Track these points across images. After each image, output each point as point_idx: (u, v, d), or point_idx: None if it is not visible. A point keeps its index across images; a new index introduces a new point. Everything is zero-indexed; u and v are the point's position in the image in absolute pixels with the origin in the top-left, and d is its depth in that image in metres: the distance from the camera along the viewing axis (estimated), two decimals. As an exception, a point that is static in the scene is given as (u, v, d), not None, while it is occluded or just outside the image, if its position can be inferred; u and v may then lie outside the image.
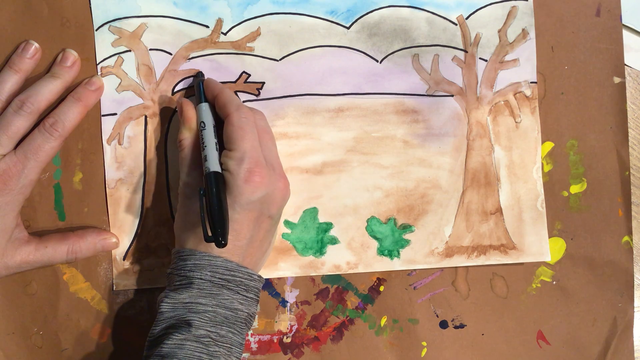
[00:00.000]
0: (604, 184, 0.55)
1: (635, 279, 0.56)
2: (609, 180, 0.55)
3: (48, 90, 0.48)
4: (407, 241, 0.54)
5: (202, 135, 0.48)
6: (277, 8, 0.52)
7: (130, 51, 0.51)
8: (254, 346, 0.53)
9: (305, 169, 0.53)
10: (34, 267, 0.50)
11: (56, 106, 0.49)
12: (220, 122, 0.49)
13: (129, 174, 0.52)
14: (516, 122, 0.54)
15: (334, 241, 0.53)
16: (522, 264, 0.55)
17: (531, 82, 0.54)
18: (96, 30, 0.51)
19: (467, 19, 0.53)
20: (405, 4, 0.53)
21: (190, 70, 0.52)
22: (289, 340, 0.54)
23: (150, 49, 0.51)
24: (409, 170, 0.54)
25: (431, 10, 0.53)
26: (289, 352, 0.54)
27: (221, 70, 0.52)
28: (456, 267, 0.54)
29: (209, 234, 0.43)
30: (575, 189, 0.55)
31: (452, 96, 0.54)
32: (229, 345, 0.45)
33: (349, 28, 0.53)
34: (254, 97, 0.52)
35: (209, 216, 0.43)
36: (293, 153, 0.53)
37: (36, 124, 0.48)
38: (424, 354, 0.54)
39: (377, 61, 0.53)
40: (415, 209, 0.54)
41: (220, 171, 0.46)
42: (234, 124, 0.46)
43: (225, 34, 0.52)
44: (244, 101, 0.52)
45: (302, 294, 0.54)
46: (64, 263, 0.51)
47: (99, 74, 0.51)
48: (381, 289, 0.54)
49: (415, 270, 0.54)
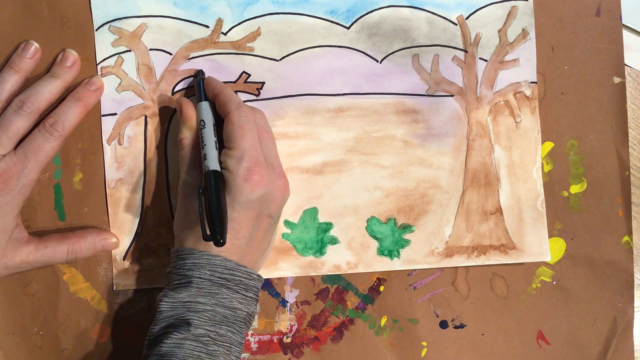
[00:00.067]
0: (604, 184, 0.55)
1: (635, 279, 0.56)
2: (609, 180, 0.55)
3: (48, 90, 0.48)
4: (407, 241, 0.54)
5: (201, 134, 0.48)
6: (277, 8, 0.52)
7: (130, 51, 0.51)
8: (254, 346, 0.53)
9: (305, 169, 0.53)
10: (34, 267, 0.50)
11: (56, 106, 0.49)
12: (220, 120, 0.49)
13: (129, 174, 0.52)
14: (516, 122, 0.54)
15: (334, 241, 0.53)
16: (522, 264, 0.55)
17: (531, 82, 0.54)
18: (96, 30, 0.51)
19: (467, 19, 0.53)
20: (405, 4, 0.53)
21: (190, 70, 0.52)
22: (289, 340, 0.54)
23: (150, 49, 0.51)
24: (409, 170, 0.54)
25: (431, 10, 0.53)
26: (289, 352, 0.54)
27: (221, 70, 0.52)
28: (456, 267, 0.54)
29: (208, 232, 0.43)
30: (575, 189, 0.55)
31: (452, 96, 0.54)
32: (228, 344, 0.45)
33: (349, 28, 0.53)
34: (254, 97, 0.52)
35: (207, 215, 0.43)
36: (293, 153, 0.53)
37: (36, 124, 0.48)
38: (424, 354, 0.54)
39: (377, 61, 0.53)
40: (415, 209, 0.54)
41: (219, 170, 0.46)
42: (234, 122, 0.46)
43: (225, 34, 0.52)
44: (244, 101, 0.52)
45: (302, 294, 0.54)
46: (64, 263, 0.51)
47: (99, 74, 0.51)
48: (381, 289, 0.54)
49: (415, 270, 0.54)
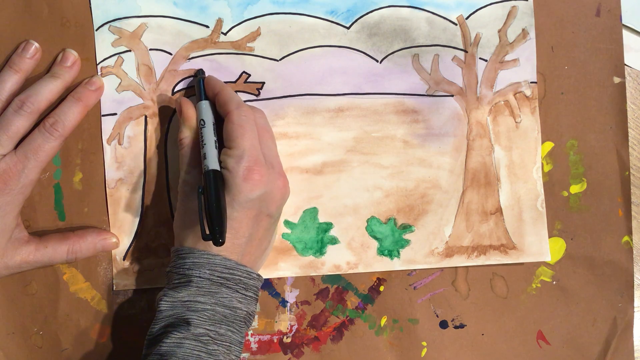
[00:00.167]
0: (604, 184, 0.55)
1: (635, 279, 0.56)
2: (609, 180, 0.55)
3: (48, 90, 0.48)
4: (407, 241, 0.54)
5: (201, 133, 0.48)
6: (277, 8, 0.52)
7: (130, 51, 0.51)
8: (254, 346, 0.53)
9: (305, 169, 0.53)
10: (34, 267, 0.50)
11: (56, 106, 0.49)
12: (220, 120, 0.49)
13: (129, 173, 0.52)
14: (516, 122, 0.54)
15: (334, 241, 0.53)
16: (522, 264, 0.55)
17: (531, 82, 0.54)
18: (96, 30, 0.51)
19: (467, 19, 0.53)
20: (405, 4, 0.53)
21: (190, 70, 0.52)
22: (289, 340, 0.54)
23: (150, 49, 0.51)
24: (409, 170, 0.54)
25: (431, 10, 0.53)
26: (289, 352, 0.54)
27: (221, 70, 0.52)
28: (456, 267, 0.54)
29: (207, 232, 0.43)
30: (575, 189, 0.55)
31: (452, 96, 0.54)
32: (228, 343, 0.45)
33: (349, 28, 0.53)
34: (254, 97, 0.52)
35: (207, 214, 0.43)
36: (293, 153, 0.53)
37: (36, 124, 0.48)
38: (424, 354, 0.54)
39: (377, 61, 0.53)
40: (415, 209, 0.54)
41: (219, 169, 0.46)
42: (234, 121, 0.46)
43: (225, 34, 0.52)
44: (244, 101, 0.52)
45: (302, 294, 0.54)
46: (64, 263, 0.51)
47: (99, 74, 0.51)
48: (381, 289, 0.54)
49: (415, 270, 0.54)
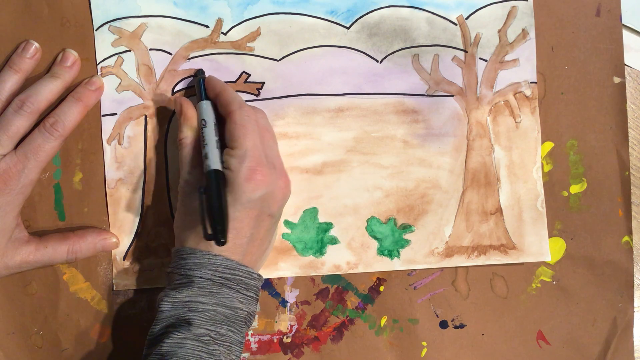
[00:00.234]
0: (604, 184, 0.55)
1: (635, 279, 0.56)
2: (609, 180, 0.55)
3: (48, 90, 0.48)
4: (407, 241, 0.54)
5: (203, 133, 0.48)
6: (277, 8, 0.52)
7: (130, 51, 0.51)
8: (254, 346, 0.53)
9: (305, 169, 0.53)
10: (34, 267, 0.50)
11: (56, 106, 0.49)
12: (221, 120, 0.49)
13: (129, 174, 0.52)
14: (516, 122, 0.54)
15: (334, 241, 0.53)
16: (522, 264, 0.55)
17: (531, 82, 0.54)
18: (96, 30, 0.51)
19: (467, 19, 0.53)
20: (405, 4, 0.53)
21: (190, 70, 0.52)
22: (289, 340, 0.54)
23: (150, 49, 0.51)
24: (409, 170, 0.54)
25: (431, 10, 0.53)
26: (289, 352, 0.54)
27: (221, 70, 0.52)
28: (456, 267, 0.54)
29: (209, 232, 0.43)
30: (575, 189, 0.55)
31: (452, 96, 0.54)
32: (228, 344, 0.45)
33: (349, 28, 0.53)
34: (254, 97, 0.52)
35: (209, 214, 0.43)
36: (293, 153, 0.53)
37: (36, 124, 0.48)
38: (424, 354, 0.54)
39: (377, 61, 0.53)
40: (415, 209, 0.54)
41: (221, 169, 0.46)
42: (236, 122, 0.46)
43: (225, 33, 0.52)
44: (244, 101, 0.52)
45: (302, 294, 0.54)
46: (64, 263, 0.51)
47: (99, 73, 0.51)
48: (381, 289, 0.54)
49: (415, 270, 0.54)
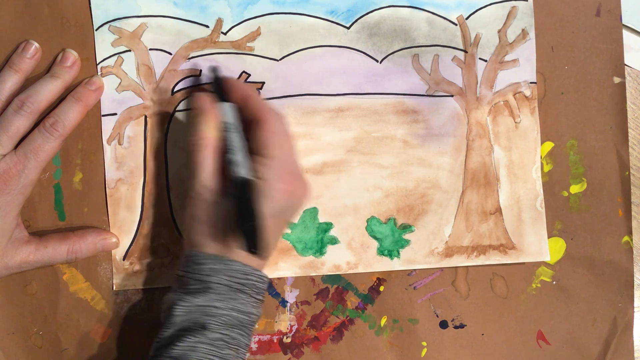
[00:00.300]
0: (604, 184, 0.55)
1: (635, 279, 0.56)
2: (609, 180, 0.55)
3: (48, 90, 0.48)
4: (407, 241, 0.54)
5: (229, 138, 0.46)
6: (277, 8, 0.52)
7: (130, 51, 0.51)
8: (254, 346, 0.53)
9: (305, 169, 0.53)
10: (34, 267, 0.50)
11: (56, 106, 0.49)
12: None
13: (129, 174, 0.52)
14: (516, 122, 0.54)
15: (334, 241, 0.53)
16: (522, 263, 0.55)
17: (531, 83, 0.54)
18: (96, 30, 0.51)
19: (467, 19, 0.53)
20: (405, 4, 0.53)
21: (190, 70, 0.52)
22: (289, 340, 0.54)
23: (150, 49, 0.51)
24: (408, 170, 0.54)
25: (431, 11, 0.53)
26: (289, 352, 0.54)
27: (221, 70, 0.52)
28: (456, 267, 0.54)
29: (247, 244, 0.42)
30: (575, 189, 0.55)
31: (452, 96, 0.54)
32: (237, 347, 0.45)
33: (349, 28, 0.53)
34: (254, 97, 0.52)
35: (247, 226, 0.42)
36: (293, 153, 0.53)
37: (36, 124, 0.48)
38: (424, 354, 0.54)
39: (377, 61, 0.53)
40: (415, 209, 0.54)
41: (252, 178, 0.45)
42: (270, 129, 0.45)
43: (225, 33, 0.52)
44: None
45: (302, 294, 0.54)
46: (64, 263, 0.51)
47: (99, 73, 0.51)
48: (381, 289, 0.54)
49: (415, 270, 0.54)
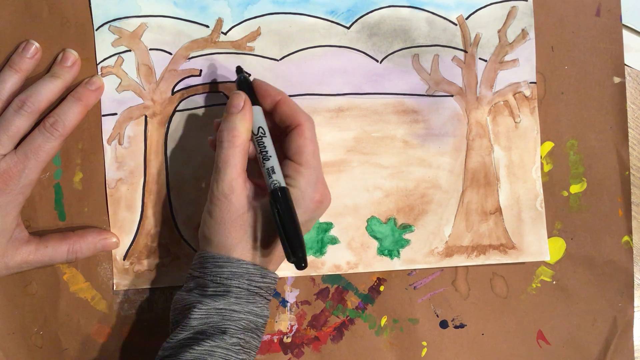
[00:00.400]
0: (604, 184, 0.55)
1: (635, 279, 0.56)
2: (609, 180, 0.55)
3: (48, 90, 0.48)
4: (407, 241, 0.54)
5: (263, 143, 0.45)
6: (277, 8, 0.52)
7: (130, 51, 0.51)
8: (254, 346, 0.53)
9: (305, 168, 0.53)
10: (34, 267, 0.50)
11: (56, 106, 0.49)
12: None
13: (129, 174, 0.52)
14: (515, 122, 0.54)
15: (334, 241, 0.53)
16: (522, 263, 0.55)
17: (530, 82, 0.54)
18: (96, 30, 0.51)
19: (467, 19, 0.53)
20: (405, 4, 0.53)
21: (190, 70, 0.52)
22: (289, 340, 0.54)
23: (150, 49, 0.51)
24: (409, 170, 0.54)
25: (431, 11, 0.53)
26: (289, 352, 0.54)
27: (221, 70, 0.52)
28: (456, 267, 0.54)
29: (288, 254, 0.41)
30: (575, 188, 0.55)
31: (452, 96, 0.54)
32: (249, 350, 0.45)
33: (349, 28, 0.53)
34: (254, 97, 0.52)
35: (287, 236, 0.41)
36: (293, 153, 0.53)
37: (36, 124, 0.48)
38: (424, 354, 0.54)
39: (377, 61, 0.53)
40: (415, 208, 0.54)
41: (288, 186, 0.44)
42: (307, 136, 0.45)
43: (225, 33, 0.52)
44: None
45: (302, 294, 0.54)
46: (64, 263, 0.51)
47: (99, 73, 0.51)
48: (381, 288, 0.54)
49: (415, 270, 0.54)
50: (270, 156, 0.44)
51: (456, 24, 0.53)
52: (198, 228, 0.47)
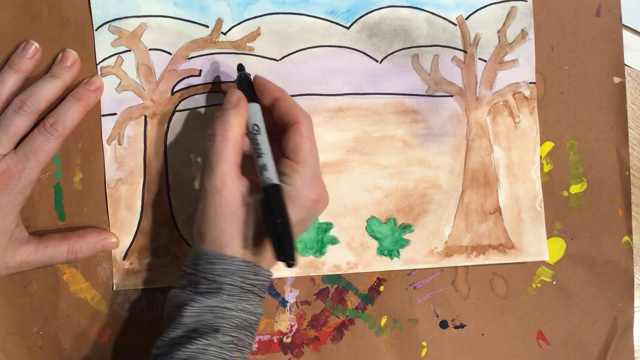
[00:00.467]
0: (604, 184, 0.55)
1: (635, 279, 0.56)
2: (609, 180, 0.55)
3: (48, 90, 0.48)
4: (407, 241, 0.54)
5: (257, 140, 0.45)
6: (277, 8, 0.52)
7: (130, 51, 0.51)
8: (254, 346, 0.53)
9: (305, 169, 0.53)
10: (34, 267, 0.50)
11: (56, 106, 0.49)
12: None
13: (129, 174, 0.52)
14: (515, 122, 0.54)
15: (334, 241, 0.53)
16: (522, 263, 0.55)
17: (530, 83, 0.54)
18: (96, 30, 0.51)
19: (466, 19, 0.53)
20: (405, 4, 0.53)
21: (190, 70, 0.52)
22: (289, 340, 0.54)
23: (150, 49, 0.51)
24: (408, 170, 0.54)
25: (431, 11, 0.53)
26: (289, 352, 0.54)
27: (221, 70, 0.52)
28: (456, 267, 0.54)
29: (276, 252, 0.41)
30: (575, 189, 0.55)
31: (452, 96, 0.54)
32: (243, 347, 0.45)
33: (349, 28, 0.53)
34: (254, 97, 0.52)
35: (276, 234, 0.41)
36: (293, 153, 0.53)
37: (36, 124, 0.48)
38: (424, 354, 0.54)
39: (377, 61, 0.53)
40: (415, 209, 0.54)
41: (282, 184, 0.44)
42: (304, 134, 0.45)
43: (225, 33, 0.52)
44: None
45: (302, 294, 0.54)
46: (64, 263, 0.51)
47: (98, 73, 0.51)
48: (381, 289, 0.54)
49: (415, 270, 0.54)
50: (264, 153, 0.44)
51: (456, 24, 0.53)
52: None
